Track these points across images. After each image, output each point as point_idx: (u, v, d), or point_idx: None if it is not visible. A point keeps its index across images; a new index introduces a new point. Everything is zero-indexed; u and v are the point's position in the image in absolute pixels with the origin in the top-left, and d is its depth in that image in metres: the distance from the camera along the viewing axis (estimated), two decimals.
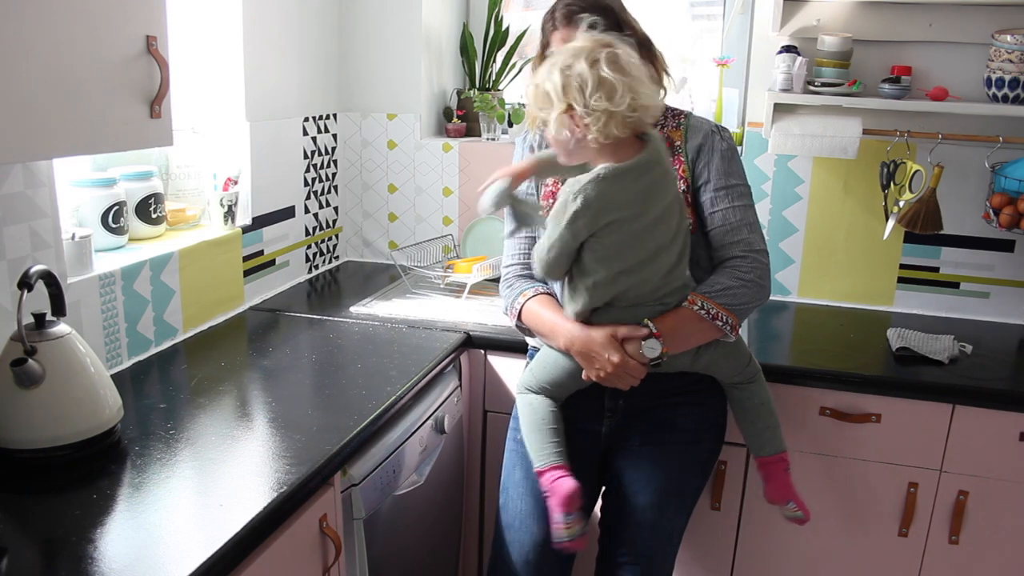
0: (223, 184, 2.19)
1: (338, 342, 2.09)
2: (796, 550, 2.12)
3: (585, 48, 1.47)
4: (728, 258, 1.65)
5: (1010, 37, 2.14)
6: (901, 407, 1.97)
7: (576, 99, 1.45)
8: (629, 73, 1.46)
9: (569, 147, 1.52)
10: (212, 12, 2.18)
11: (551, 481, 1.62)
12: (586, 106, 1.44)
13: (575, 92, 1.45)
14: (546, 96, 1.48)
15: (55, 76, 1.25)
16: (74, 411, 1.42)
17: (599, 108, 1.44)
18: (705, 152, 1.71)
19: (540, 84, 1.50)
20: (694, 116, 1.77)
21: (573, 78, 1.45)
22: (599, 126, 1.45)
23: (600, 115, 1.44)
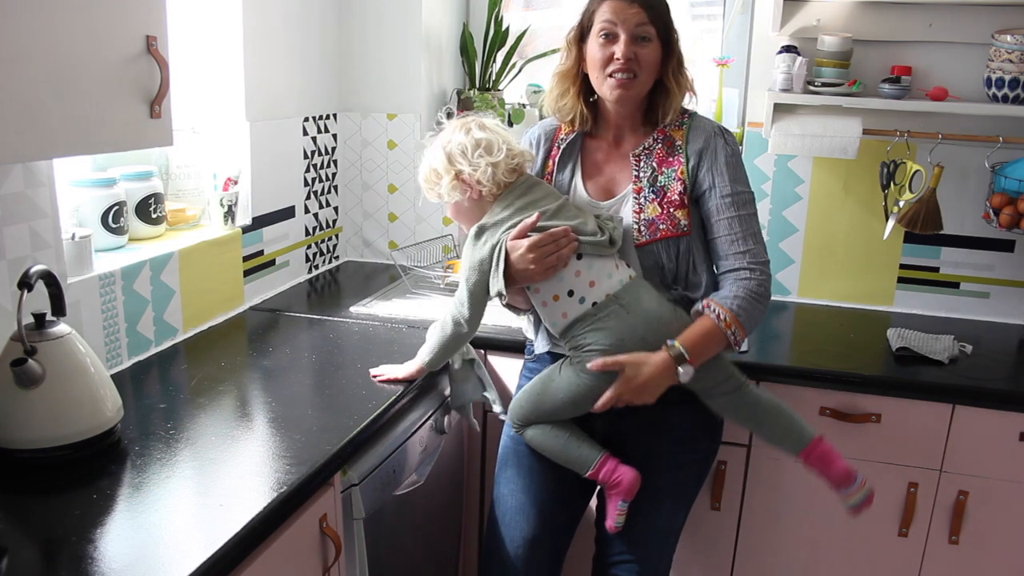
0: (223, 184, 2.19)
1: (338, 342, 2.08)
2: (796, 550, 2.12)
3: (455, 125, 1.71)
4: (736, 269, 1.67)
5: (1010, 37, 2.14)
6: (901, 407, 1.97)
7: (461, 162, 1.66)
8: (497, 132, 1.70)
9: (465, 207, 1.71)
10: (212, 12, 2.17)
11: (610, 474, 1.68)
12: (471, 164, 1.66)
13: (459, 158, 1.67)
14: (435, 172, 1.70)
15: (55, 76, 1.25)
16: (74, 411, 1.42)
17: (483, 163, 1.65)
18: (708, 156, 1.70)
19: (428, 167, 1.71)
20: (698, 116, 1.76)
21: (454, 148, 1.67)
22: (488, 177, 1.65)
23: (486, 167, 1.65)
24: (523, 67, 2.88)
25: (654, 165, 1.72)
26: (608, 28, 1.66)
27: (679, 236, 1.68)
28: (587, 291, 1.63)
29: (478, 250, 1.67)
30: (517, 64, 2.87)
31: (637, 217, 1.70)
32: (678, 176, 1.70)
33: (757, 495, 2.10)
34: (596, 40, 1.68)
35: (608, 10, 1.67)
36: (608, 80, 1.67)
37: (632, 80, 1.66)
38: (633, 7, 1.65)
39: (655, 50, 1.68)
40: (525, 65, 2.88)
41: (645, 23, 1.65)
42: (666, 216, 1.68)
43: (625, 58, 1.64)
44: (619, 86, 1.67)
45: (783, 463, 2.07)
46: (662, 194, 1.70)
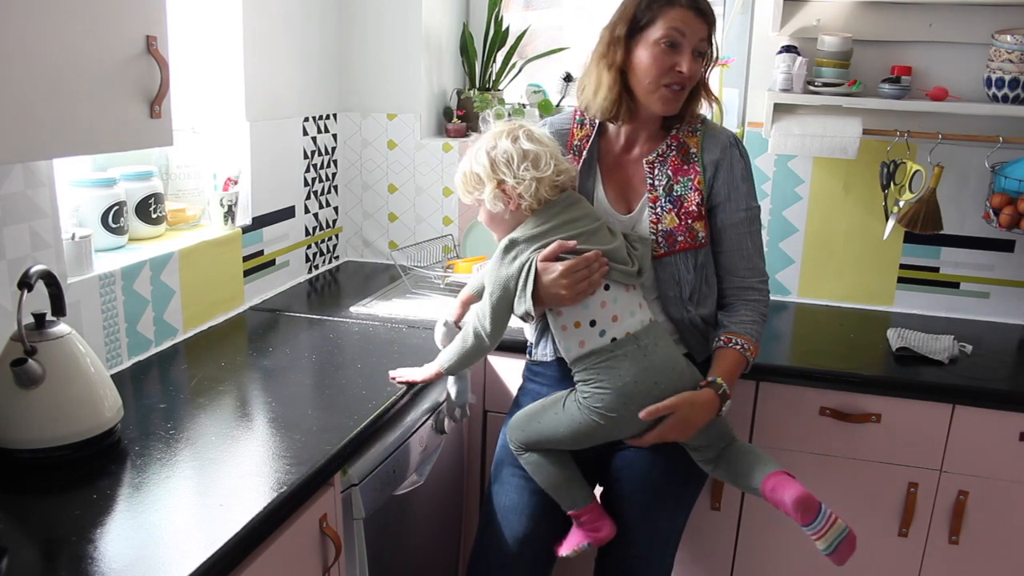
0: (223, 184, 2.19)
1: (338, 342, 2.08)
2: (796, 550, 2.12)
3: (503, 130, 1.63)
4: (745, 288, 1.72)
5: (1010, 37, 2.14)
6: (901, 407, 1.97)
7: (506, 173, 1.59)
8: (546, 144, 1.62)
9: (504, 218, 1.64)
10: (212, 12, 2.17)
11: (591, 522, 1.68)
12: (516, 177, 1.58)
13: (503, 167, 1.59)
14: (477, 178, 1.63)
15: (55, 76, 1.25)
16: (74, 411, 1.42)
17: (528, 176, 1.58)
18: (724, 169, 1.70)
19: (469, 169, 1.64)
20: (710, 122, 1.76)
21: (499, 155, 1.60)
22: (531, 192, 1.58)
23: (530, 182, 1.58)
24: (523, 67, 2.88)
25: (669, 173, 1.70)
26: (675, 38, 1.61)
27: (697, 248, 1.69)
28: (609, 324, 1.58)
29: (505, 267, 1.60)
30: (517, 64, 2.87)
31: (655, 228, 1.69)
32: (695, 186, 1.69)
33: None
34: (657, 46, 1.62)
35: (679, 19, 1.61)
36: (662, 90, 1.63)
37: (683, 92, 1.66)
38: (701, 21, 1.62)
39: (702, 66, 1.67)
40: (525, 65, 2.88)
41: (706, 39, 1.64)
42: (684, 228, 1.68)
43: (690, 73, 1.62)
44: (674, 99, 1.65)
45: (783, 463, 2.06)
46: (679, 204, 1.69)
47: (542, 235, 1.60)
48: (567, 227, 1.60)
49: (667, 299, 1.70)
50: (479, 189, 1.63)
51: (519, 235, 1.61)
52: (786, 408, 2.03)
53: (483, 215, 1.68)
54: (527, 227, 1.61)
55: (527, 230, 1.61)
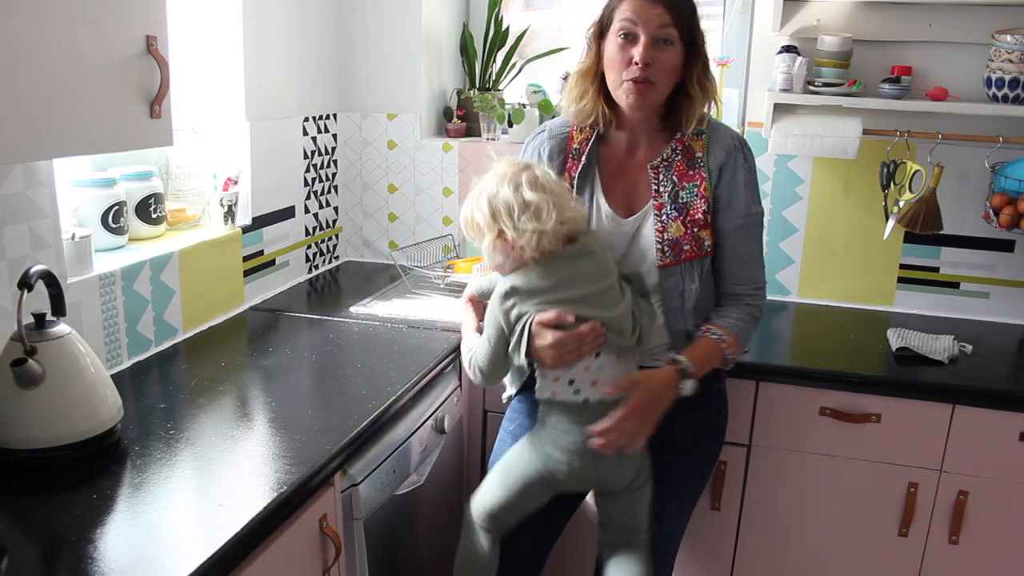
0: (223, 184, 2.19)
1: (338, 342, 2.08)
2: (796, 550, 2.12)
3: (506, 174, 1.54)
4: (740, 294, 1.70)
5: (1010, 37, 2.14)
6: (901, 407, 1.97)
7: (506, 223, 1.51)
8: (551, 191, 1.53)
9: (506, 267, 1.57)
10: (212, 12, 2.17)
11: None
12: (516, 228, 1.50)
13: (504, 217, 1.51)
14: (477, 226, 1.56)
15: (55, 76, 1.25)
16: (74, 411, 1.42)
17: (529, 228, 1.49)
18: (728, 172, 1.66)
19: (471, 215, 1.56)
20: (716, 124, 1.71)
21: (500, 204, 1.52)
22: (532, 244, 1.50)
23: (531, 235, 1.49)
24: (523, 67, 2.88)
25: (674, 179, 1.66)
26: (627, 28, 1.56)
27: (703, 257, 1.66)
28: (587, 387, 1.53)
29: (504, 315, 1.54)
30: (517, 64, 2.87)
31: (660, 236, 1.65)
32: (701, 193, 1.65)
33: (757, 495, 2.10)
34: (614, 39, 1.58)
35: (628, 8, 1.56)
36: (624, 85, 1.59)
37: (649, 87, 1.58)
38: (656, 6, 1.55)
39: (676, 54, 1.59)
40: (525, 65, 2.88)
41: (667, 24, 1.56)
42: (690, 237, 1.65)
43: (643, 62, 1.55)
44: (635, 92, 1.58)
45: (783, 463, 2.07)
46: (685, 212, 1.65)
47: (543, 291, 1.52)
48: (571, 285, 1.52)
49: (670, 310, 1.66)
50: (480, 238, 1.56)
51: (520, 284, 1.53)
52: (786, 408, 2.03)
53: (488, 262, 1.61)
54: (530, 277, 1.53)
55: (529, 280, 1.53)
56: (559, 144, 1.73)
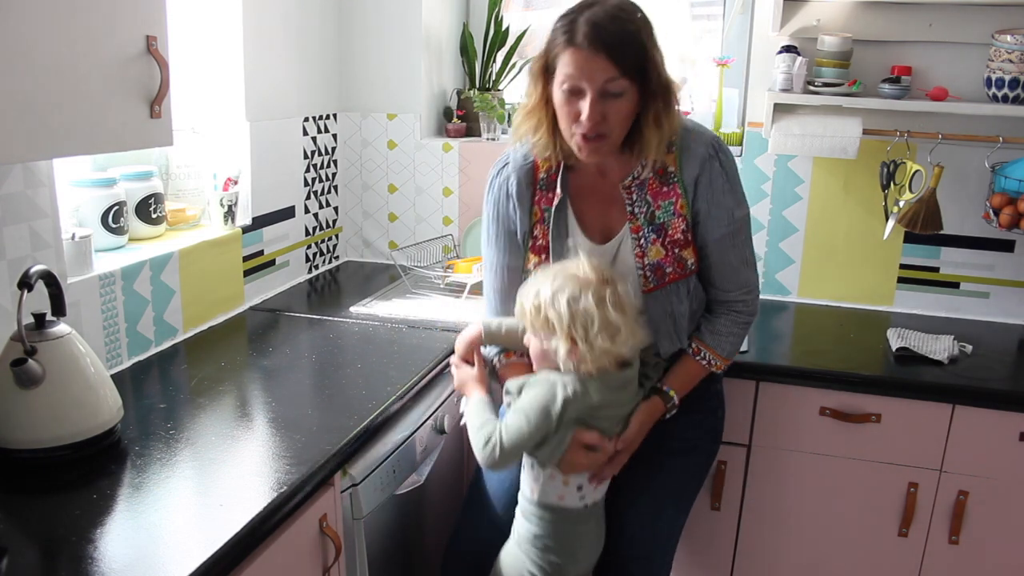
0: (223, 184, 2.19)
1: (338, 342, 2.08)
2: (796, 550, 2.12)
3: (591, 283, 1.46)
4: (728, 301, 1.66)
5: (1010, 37, 2.14)
6: (901, 407, 1.97)
7: (580, 335, 1.45)
8: (629, 314, 1.48)
9: (556, 366, 1.51)
10: (212, 12, 2.17)
11: None
12: (588, 342, 1.45)
13: (580, 328, 1.45)
14: (547, 322, 1.47)
15: (55, 76, 1.25)
16: (74, 411, 1.42)
17: (602, 347, 1.45)
18: (704, 183, 1.57)
19: (542, 307, 1.47)
20: (687, 132, 1.58)
21: (579, 314, 1.44)
22: (594, 361, 1.46)
23: (601, 354, 1.46)
24: (523, 67, 2.87)
25: (648, 199, 1.59)
26: (573, 84, 1.44)
27: (688, 277, 1.61)
28: (592, 492, 1.59)
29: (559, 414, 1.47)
30: (517, 64, 2.87)
31: (641, 262, 1.59)
32: (678, 211, 1.58)
33: (757, 495, 2.10)
34: (560, 89, 1.47)
35: (571, 62, 1.43)
36: (575, 138, 1.49)
37: (602, 140, 1.49)
38: (598, 58, 1.41)
39: (628, 103, 1.47)
40: (525, 65, 2.87)
41: (614, 77, 1.42)
42: (672, 258, 1.59)
43: (592, 121, 1.45)
44: (587, 148, 1.49)
45: (783, 463, 2.07)
46: (663, 232, 1.59)
47: (594, 407, 1.50)
48: (615, 405, 1.54)
49: (660, 334, 1.63)
50: (546, 334, 1.49)
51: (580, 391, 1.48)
52: (786, 408, 2.03)
53: (535, 347, 1.53)
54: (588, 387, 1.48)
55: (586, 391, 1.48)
56: (526, 177, 1.64)
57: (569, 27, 1.44)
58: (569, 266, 1.51)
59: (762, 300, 2.52)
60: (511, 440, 1.48)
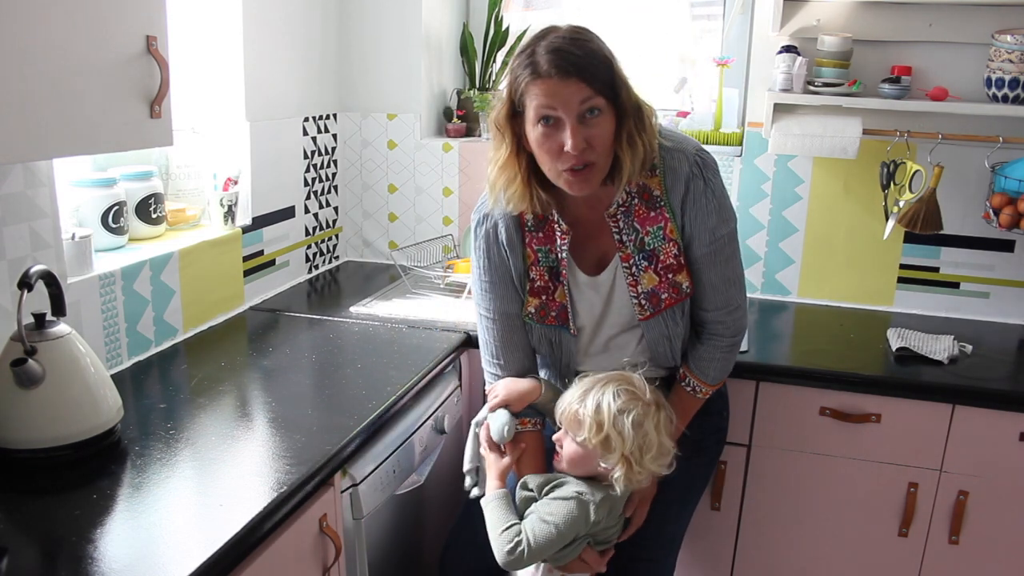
0: (223, 184, 2.19)
1: (338, 342, 2.08)
2: (796, 550, 2.12)
3: (650, 406, 1.48)
4: (708, 321, 1.62)
5: (1010, 37, 2.14)
6: (901, 407, 1.97)
7: (635, 456, 1.47)
8: (672, 438, 1.52)
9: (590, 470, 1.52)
10: (212, 12, 2.18)
11: None
12: (639, 463, 1.47)
13: (637, 450, 1.47)
14: (607, 440, 1.46)
15: (55, 76, 1.25)
16: (74, 411, 1.42)
17: (649, 469, 1.49)
18: (690, 204, 1.52)
19: (605, 424, 1.45)
20: (666, 150, 1.52)
21: (639, 437, 1.46)
22: (638, 478, 1.48)
23: (648, 474, 1.49)
24: None
25: (636, 225, 1.54)
26: (547, 113, 1.39)
27: (684, 300, 1.59)
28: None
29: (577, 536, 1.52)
30: None
31: (635, 291, 1.57)
32: (668, 235, 1.54)
33: (757, 495, 2.10)
34: (535, 127, 1.41)
35: (541, 92, 1.38)
36: (563, 175, 1.43)
37: (591, 167, 1.43)
38: (570, 83, 1.36)
39: (608, 121, 1.42)
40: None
41: (590, 97, 1.38)
42: (667, 284, 1.56)
43: (577, 150, 1.39)
44: (577, 181, 1.43)
45: (783, 463, 2.07)
46: (654, 259, 1.55)
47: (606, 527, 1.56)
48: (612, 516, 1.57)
49: (657, 356, 1.63)
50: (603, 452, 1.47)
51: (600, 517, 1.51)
52: (786, 408, 2.03)
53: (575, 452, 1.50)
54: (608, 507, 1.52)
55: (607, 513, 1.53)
56: (513, 221, 1.59)
57: (530, 60, 1.40)
58: (626, 380, 1.50)
59: (762, 300, 2.55)
60: (539, 548, 1.49)
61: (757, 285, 2.58)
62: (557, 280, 1.61)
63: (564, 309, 1.62)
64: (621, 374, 1.53)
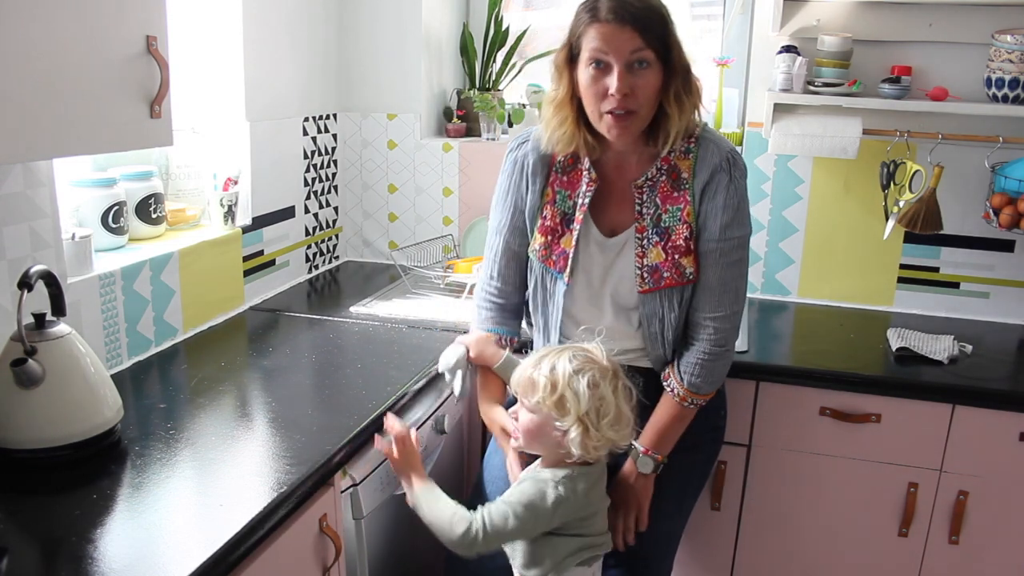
0: (223, 184, 2.19)
1: (338, 342, 2.08)
2: (796, 550, 2.12)
3: (607, 370, 1.47)
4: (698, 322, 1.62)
5: (1010, 37, 2.14)
6: (901, 407, 1.97)
7: (592, 421, 1.43)
8: (631, 406, 1.49)
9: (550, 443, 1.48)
10: (212, 12, 2.17)
11: None
12: (598, 429, 1.44)
13: (594, 415, 1.44)
14: (561, 402, 1.44)
15: (55, 76, 1.25)
16: (74, 411, 1.42)
17: (608, 436, 1.45)
18: (709, 195, 1.57)
19: (559, 385, 1.44)
20: (706, 140, 1.60)
21: (595, 399, 1.43)
22: (594, 444, 1.45)
23: (605, 443, 1.46)
24: (523, 67, 2.88)
25: (657, 201, 1.60)
26: (598, 56, 1.47)
27: (684, 285, 1.60)
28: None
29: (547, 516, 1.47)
30: (517, 64, 2.87)
31: (640, 262, 1.60)
32: (684, 218, 1.58)
33: (757, 495, 2.10)
34: (586, 69, 1.50)
35: (597, 36, 1.47)
36: (604, 118, 1.51)
37: (631, 116, 1.50)
38: (625, 30, 1.45)
39: (655, 75, 1.49)
40: (525, 65, 2.87)
41: (641, 48, 1.46)
42: (671, 264, 1.59)
43: (621, 93, 1.47)
44: (616, 125, 1.50)
45: (783, 463, 2.07)
46: (666, 237, 1.59)
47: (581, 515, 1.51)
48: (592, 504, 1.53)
49: (649, 335, 1.64)
50: (557, 414, 1.44)
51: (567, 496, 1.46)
52: (786, 408, 2.03)
53: (531, 422, 1.48)
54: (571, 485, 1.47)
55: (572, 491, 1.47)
56: (543, 159, 1.66)
57: (592, 6, 1.49)
58: (585, 348, 1.49)
59: (762, 300, 2.55)
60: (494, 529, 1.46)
61: (757, 285, 2.58)
62: (567, 227, 1.65)
63: (565, 256, 1.65)
64: (579, 344, 1.53)
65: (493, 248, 1.75)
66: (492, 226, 1.75)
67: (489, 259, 1.77)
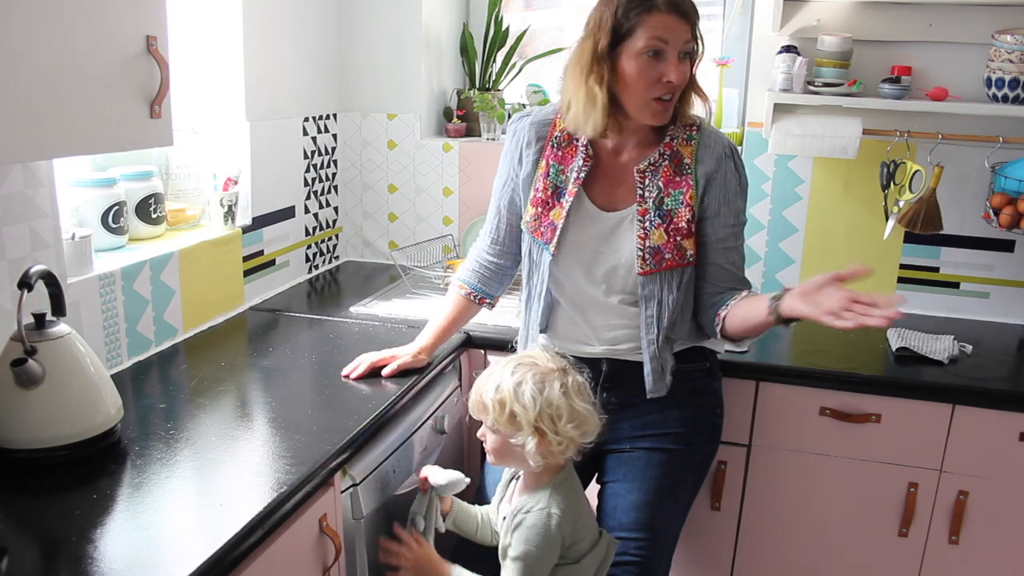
0: (223, 184, 2.19)
1: (338, 342, 2.08)
2: (796, 550, 2.12)
3: (552, 371, 1.47)
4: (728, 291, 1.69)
5: (1010, 37, 2.14)
6: (901, 407, 1.97)
7: (549, 426, 1.44)
8: (588, 401, 1.49)
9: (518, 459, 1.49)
10: (212, 12, 2.17)
11: None
12: (560, 436, 1.44)
13: (547, 419, 1.44)
14: (512, 417, 1.45)
15: (55, 76, 1.25)
16: (74, 411, 1.42)
17: (569, 437, 1.45)
18: (717, 183, 1.64)
19: (506, 402, 1.45)
20: (706, 130, 1.69)
21: (545, 404, 1.44)
22: (564, 453, 1.46)
23: (568, 445, 1.46)
24: (523, 67, 2.88)
25: (660, 184, 1.65)
26: (658, 46, 1.54)
27: (684, 267, 1.66)
28: None
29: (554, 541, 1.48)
30: (517, 64, 2.87)
31: (642, 243, 1.64)
32: (686, 201, 1.64)
33: (757, 495, 2.10)
34: (640, 57, 1.55)
35: (660, 25, 1.53)
36: (651, 104, 1.58)
37: (673, 102, 1.61)
38: (680, 21, 1.54)
39: (691, 66, 1.61)
40: (525, 65, 2.88)
41: (690, 39, 1.57)
42: (672, 245, 1.64)
43: (679, 81, 1.55)
44: (664, 111, 1.59)
45: (783, 463, 2.07)
46: (668, 219, 1.64)
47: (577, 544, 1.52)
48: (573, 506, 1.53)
49: (646, 317, 1.67)
50: (511, 431, 1.46)
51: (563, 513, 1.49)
52: (786, 408, 2.03)
53: (495, 442, 1.51)
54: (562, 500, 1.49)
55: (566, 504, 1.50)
56: (541, 129, 1.74)
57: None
58: (526, 356, 1.51)
59: None
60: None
61: (757, 285, 2.58)
62: (558, 200, 1.70)
63: (553, 228, 1.69)
64: (523, 353, 1.55)
65: (491, 208, 1.86)
66: (493, 190, 1.85)
67: (489, 221, 1.88)
